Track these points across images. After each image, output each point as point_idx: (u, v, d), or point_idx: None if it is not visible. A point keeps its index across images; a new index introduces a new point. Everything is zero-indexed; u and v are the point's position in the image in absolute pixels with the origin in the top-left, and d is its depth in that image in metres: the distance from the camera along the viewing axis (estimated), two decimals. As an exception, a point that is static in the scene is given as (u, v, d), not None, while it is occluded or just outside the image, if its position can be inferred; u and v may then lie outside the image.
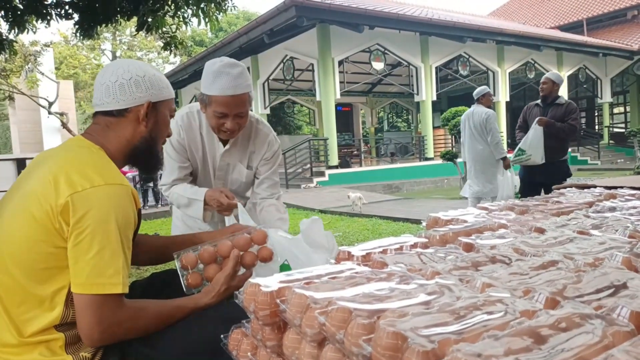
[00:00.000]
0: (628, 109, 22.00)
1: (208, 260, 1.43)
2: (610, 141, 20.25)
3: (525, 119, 5.00)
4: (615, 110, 22.54)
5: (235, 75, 1.82)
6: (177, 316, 1.27)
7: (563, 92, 18.35)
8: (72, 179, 1.14)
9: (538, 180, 4.78)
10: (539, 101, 4.89)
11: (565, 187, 2.32)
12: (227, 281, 1.36)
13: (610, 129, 20.89)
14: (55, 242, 1.13)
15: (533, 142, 4.69)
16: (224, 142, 2.06)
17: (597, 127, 21.80)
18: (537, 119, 4.68)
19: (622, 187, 2.14)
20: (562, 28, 22.34)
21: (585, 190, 2.18)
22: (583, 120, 22.83)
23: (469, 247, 1.25)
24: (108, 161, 1.26)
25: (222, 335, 1.16)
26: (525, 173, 5.05)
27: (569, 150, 4.76)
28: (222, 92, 1.81)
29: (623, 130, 20.90)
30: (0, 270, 1.16)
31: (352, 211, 8.10)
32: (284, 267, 1.59)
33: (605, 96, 19.91)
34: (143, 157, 1.36)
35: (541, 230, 1.38)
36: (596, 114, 22.14)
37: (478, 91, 5.80)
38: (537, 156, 4.70)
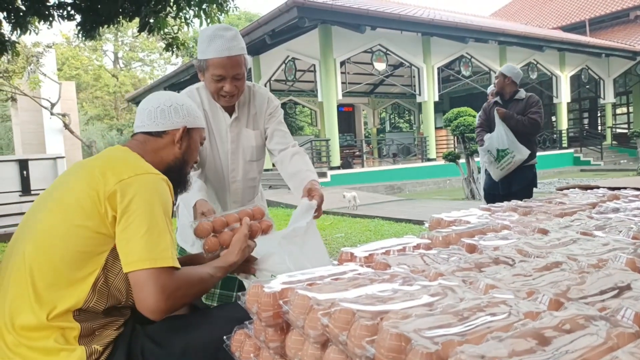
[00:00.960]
0: (631, 109, 21.94)
1: (221, 228, 1.56)
2: (613, 142, 20.19)
3: (487, 117, 4.38)
4: (618, 111, 22.48)
5: (229, 37, 1.86)
6: (217, 275, 1.37)
7: (566, 92, 18.36)
8: (118, 170, 1.26)
9: (502, 191, 4.17)
10: (497, 98, 4.34)
11: (568, 188, 2.32)
12: (245, 240, 1.47)
13: (613, 129, 20.82)
14: (96, 227, 1.21)
15: (509, 137, 4.07)
16: (229, 113, 2.06)
17: (600, 127, 21.76)
18: (495, 108, 4.13)
19: (625, 188, 2.13)
20: (565, 28, 22.31)
21: (589, 191, 2.17)
22: (586, 121, 22.82)
23: (472, 249, 1.25)
24: (145, 161, 1.37)
25: (225, 337, 1.16)
26: (490, 182, 4.39)
27: (536, 153, 4.19)
28: (218, 54, 1.85)
29: (626, 130, 20.84)
30: (38, 252, 1.22)
31: (351, 211, 8.27)
32: None
33: (608, 97, 19.86)
34: (173, 176, 1.45)
35: (544, 232, 1.38)
36: (599, 115, 22.10)
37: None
38: (520, 150, 4.06)
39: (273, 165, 2.24)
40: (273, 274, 1.44)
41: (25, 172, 7.67)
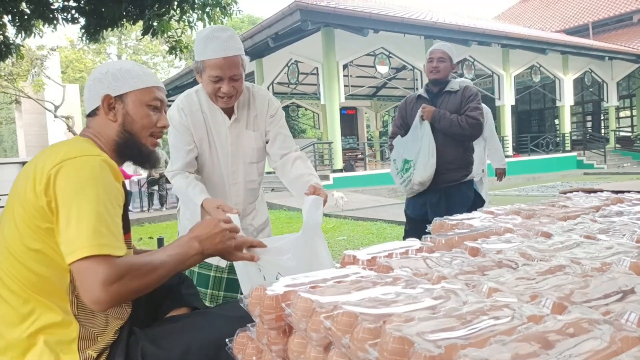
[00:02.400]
0: (634, 112, 21.90)
1: None
2: (617, 145, 20.15)
3: (404, 119, 3.26)
4: (622, 114, 22.43)
5: (226, 38, 1.85)
6: (172, 261, 1.21)
7: (569, 95, 18.29)
8: (51, 159, 1.16)
9: (429, 214, 3.00)
10: (422, 91, 3.21)
11: (571, 192, 2.31)
12: (217, 224, 1.30)
13: (617, 132, 20.79)
14: (43, 222, 1.14)
15: (423, 145, 2.99)
16: (229, 115, 2.06)
17: (603, 130, 21.70)
18: (420, 109, 3.05)
19: (629, 192, 2.12)
20: (568, 32, 22.30)
21: (592, 194, 2.16)
22: (589, 125, 22.77)
23: (475, 252, 1.25)
24: (89, 143, 1.28)
25: (227, 339, 1.16)
26: (412, 205, 3.23)
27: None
28: (215, 55, 1.84)
29: (629, 134, 20.82)
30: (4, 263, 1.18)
31: (337, 211, 8.60)
32: None
33: (612, 100, 19.82)
34: (129, 152, 1.36)
35: (548, 235, 1.37)
36: (602, 118, 22.05)
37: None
38: (423, 168, 2.97)
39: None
40: (279, 272, 1.42)
41: (28, 175, 7.68)
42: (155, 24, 5.21)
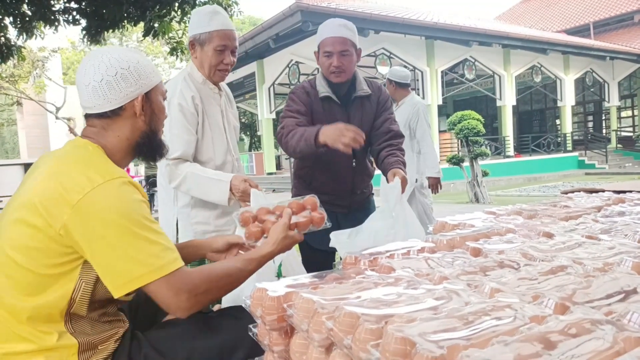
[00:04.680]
0: (636, 112, 21.86)
1: (265, 217, 1.46)
2: (618, 145, 20.10)
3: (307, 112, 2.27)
4: (623, 114, 22.39)
5: (227, 15, 2.06)
6: (249, 268, 1.27)
7: (570, 95, 18.28)
8: (71, 185, 1.09)
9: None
10: (329, 91, 2.14)
11: (573, 192, 2.31)
12: (283, 230, 1.35)
13: (618, 132, 20.74)
14: (57, 252, 1.09)
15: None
16: (219, 95, 2.14)
17: (604, 131, 21.66)
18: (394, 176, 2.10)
19: (630, 192, 2.12)
20: (569, 32, 22.26)
21: (594, 194, 2.16)
22: (590, 125, 22.74)
23: (476, 252, 1.24)
24: (101, 154, 1.21)
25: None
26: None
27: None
28: (224, 27, 1.98)
29: (631, 134, 20.76)
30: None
31: None
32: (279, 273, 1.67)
33: (613, 100, 19.79)
34: (146, 149, 1.30)
35: (549, 235, 1.37)
36: (604, 118, 22.01)
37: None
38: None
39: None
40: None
41: (30, 176, 7.70)
42: (156, 25, 5.22)
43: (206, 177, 1.92)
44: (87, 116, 1.26)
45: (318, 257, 2.20)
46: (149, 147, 1.30)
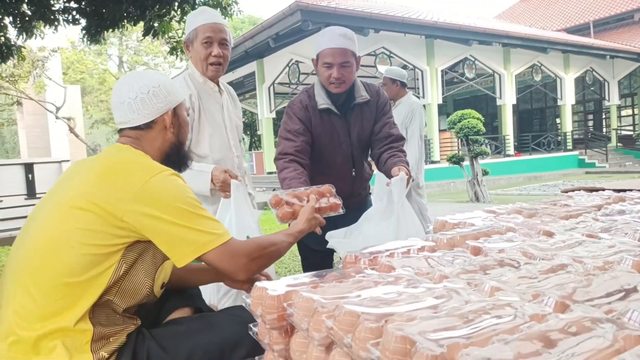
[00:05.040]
0: (636, 111, 21.85)
1: (293, 200, 1.70)
2: (618, 144, 20.10)
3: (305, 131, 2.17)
4: (623, 113, 22.38)
5: (215, 12, 2.13)
6: (288, 240, 1.48)
7: (570, 94, 18.28)
8: (130, 176, 1.24)
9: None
10: (328, 103, 2.16)
11: (573, 190, 2.31)
12: (311, 211, 1.60)
13: (618, 131, 20.74)
14: (106, 231, 1.19)
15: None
16: (219, 93, 2.18)
17: (604, 129, 21.66)
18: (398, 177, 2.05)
19: (631, 190, 2.12)
20: (569, 30, 22.26)
21: (594, 193, 2.16)
22: (591, 123, 22.74)
23: (476, 251, 1.24)
24: (149, 159, 1.36)
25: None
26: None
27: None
28: (208, 20, 2.05)
29: (631, 132, 20.76)
30: (36, 258, 1.20)
31: None
32: None
33: (613, 99, 19.79)
34: (174, 160, 1.45)
35: (550, 234, 1.37)
36: (604, 117, 22.01)
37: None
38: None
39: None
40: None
41: (30, 176, 7.72)
42: (156, 24, 5.21)
43: (189, 169, 1.97)
44: (121, 130, 1.42)
45: (317, 257, 2.25)
46: (176, 157, 1.46)
